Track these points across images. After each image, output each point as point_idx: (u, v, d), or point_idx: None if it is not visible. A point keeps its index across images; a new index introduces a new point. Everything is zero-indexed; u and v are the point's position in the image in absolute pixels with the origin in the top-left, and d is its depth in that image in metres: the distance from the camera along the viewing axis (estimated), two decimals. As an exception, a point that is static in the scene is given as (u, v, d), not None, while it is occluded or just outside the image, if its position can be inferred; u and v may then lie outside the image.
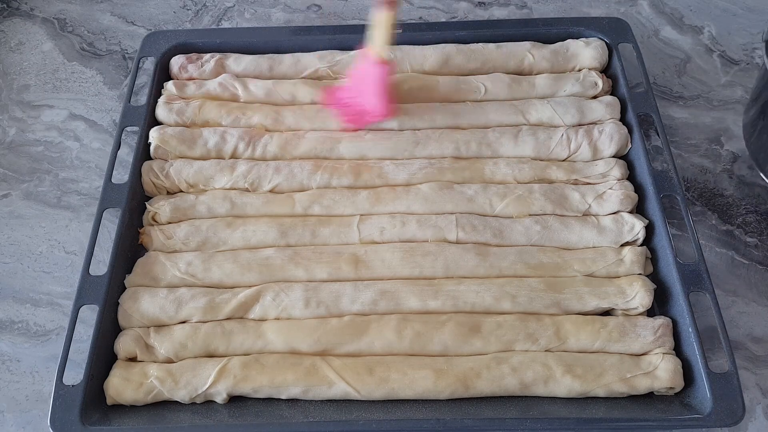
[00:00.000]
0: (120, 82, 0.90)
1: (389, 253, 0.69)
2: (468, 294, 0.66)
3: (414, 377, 0.62)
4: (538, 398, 0.63)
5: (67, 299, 0.72)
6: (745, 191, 0.79)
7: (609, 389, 0.62)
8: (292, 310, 0.66)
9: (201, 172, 0.75)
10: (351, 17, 0.96)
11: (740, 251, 0.75)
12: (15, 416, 0.66)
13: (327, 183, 0.74)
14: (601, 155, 0.76)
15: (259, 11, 0.97)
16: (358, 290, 0.67)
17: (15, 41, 0.94)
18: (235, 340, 0.65)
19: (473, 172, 0.74)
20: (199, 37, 0.85)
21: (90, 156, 0.84)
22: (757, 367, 0.68)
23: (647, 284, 0.67)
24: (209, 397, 0.63)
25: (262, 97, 0.80)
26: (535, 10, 0.96)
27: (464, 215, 0.71)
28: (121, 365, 0.64)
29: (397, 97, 0.77)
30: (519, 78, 0.81)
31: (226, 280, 0.68)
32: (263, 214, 0.73)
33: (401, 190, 0.73)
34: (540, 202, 0.72)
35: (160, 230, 0.71)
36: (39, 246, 0.77)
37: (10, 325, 0.72)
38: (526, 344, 0.64)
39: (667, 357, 0.63)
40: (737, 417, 0.59)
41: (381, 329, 0.64)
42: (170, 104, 0.79)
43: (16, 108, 0.88)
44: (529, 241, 0.70)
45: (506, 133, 0.76)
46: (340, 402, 0.63)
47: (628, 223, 0.70)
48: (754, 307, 0.71)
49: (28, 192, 0.81)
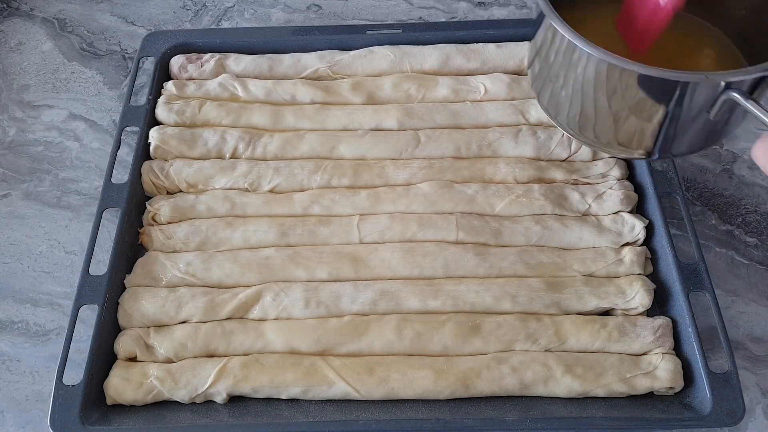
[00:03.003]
0: (120, 82, 0.90)
1: (389, 253, 0.69)
2: (468, 294, 0.66)
3: (414, 377, 0.62)
4: (538, 398, 0.63)
5: (67, 299, 0.72)
6: (745, 191, 0.79)
7: (609, 389, 0.62)
8: (292, 310, 0.66)
9: (201, 172, 0.75)
10: (351, 17, 0.96)
11: (740, 251, 0.75)
12: (15, 416, 0.66)
13: (327, 183, 0.74)
14: (601, 155, 0.76)
15: (259, 11, 0.97)
16: (358, 290, 0.67)
17: (15, 41, 0.95)
18: (235, 340, 0.65)
19: (473, 172, 0.74)
20: (199, 37, 0.85)
21: (90, 156, 0.84)
22: (757, 367, 0.68)
23: (647, 284, 0.67)
24: (209, 397, 0.63)
25: (262, 97, 0.80)
26: (535, 11, 0.96)
27: (464, 215, 0.71)
28: (121, 365, 0.64)
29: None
30: (519, 78, 0.81)
31: (226, 280, 0.68)
32: (263, 214, 0.73)
33: (401, 190, 0.73)
34: (540, 203, 0.72)
35: (160, 230, 0.71)
36: (39, 246, 0.77)
37: (9, 325, 0.72)
38: (526, 344, 0.64)
39: (667, 357, 0.63)
40: (737, 417, 0.59)
41: (381, 329, 0.64)
42: (170, 104, 0.79)
43: (16, 108, 0.88)
44: (529, 241, 0.70)
45: (506, 133, 0.76)
46: (340, 402, 0.63)
47: (628, 223, 0.70)
48: (754, 307, 0.71)
49: (28, 192, 0.81)
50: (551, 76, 0.59)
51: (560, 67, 0.57)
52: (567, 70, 0.57)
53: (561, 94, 0.59)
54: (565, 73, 0.57)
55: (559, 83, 0.59)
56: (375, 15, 0.96)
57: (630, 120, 0.56)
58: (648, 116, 0.55)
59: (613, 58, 0.51)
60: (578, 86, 0.56)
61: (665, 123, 0.55)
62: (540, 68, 0.61)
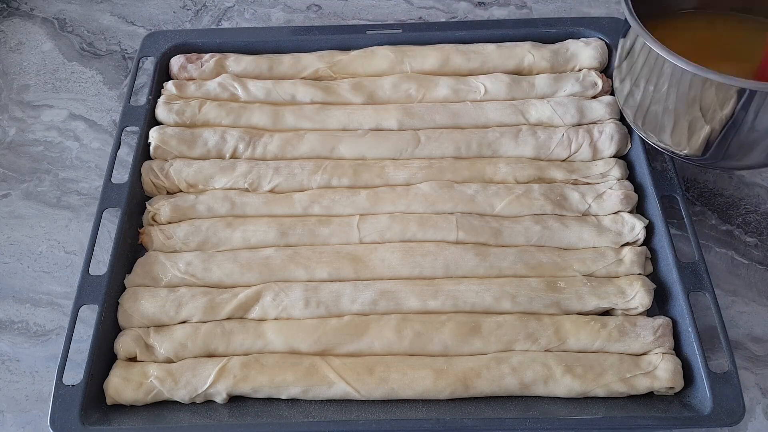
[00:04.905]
0: (120, 82, 0.90)
1: (389, 253, 0.69)
2: (468, 294, 0.66)
3: (414, 377, 0.62)
4: (538, 398, 0.63)
5: (67, 299, 0.72)
6: (745, 191, 0.79)
7: (609, 389, 0.62)
8: (292, 310, 0.66)
9: (201, 172, 0.75)
10: (351, 17, 0.96)
11: (740, 251, 0.75)
12: (15, 416, 0.66)
13: (327, 183, 0.74)
14: (601, 155, 0.76)
15: (259, 11, 0.97)
16: (357, 290, 0.67)
17: (15, 41, 0.95)
18: (235, 340, 0.65)
19: (473, 172, 0.74)
20: (198, 37, 0.85)
21: (90, 156, 0.84)
22: (757, 367, 0.68)
23: (647, 284, 0.67)
24: (209, 397, 0.63)
25: (262, 97, 0.80)
26: (535, 10, 0.96)
27: (464, 215, 0.71)
28: (121, 365, 0.64)
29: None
30: (519, 78, 0.81)
31: (226, 280, 0.68)
32: (263, 214, 0.73)
33: (401, 190, 0.73)
34: (540, 202, 0.72)
35: (160, 230, 0.71)
36: (39, 246, 0.77)
37: (9, 325, 0.72)
38: (525, 344, 0.64)
39: (667, 357, 0.63)
40: (737, 417, 0.59)
41: (381, 329, 0.64)
42: (170, 104, 0.79)
43: (16, 108, 0.88)
44: (529, 241, 0.70)
45: (506, 133, 0.76)
46: (340, 402, 0.63)
47: (628, 223, 0.70)
48: (754, 307, 0.71)
49: (28, 192, 0.81)
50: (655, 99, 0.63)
51: (676, 100, 0.61)
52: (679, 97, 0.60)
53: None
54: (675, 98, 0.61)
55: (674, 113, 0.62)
56: (375, 15, 0.96)
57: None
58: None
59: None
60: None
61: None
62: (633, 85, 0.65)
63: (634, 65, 0.64)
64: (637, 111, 0.67)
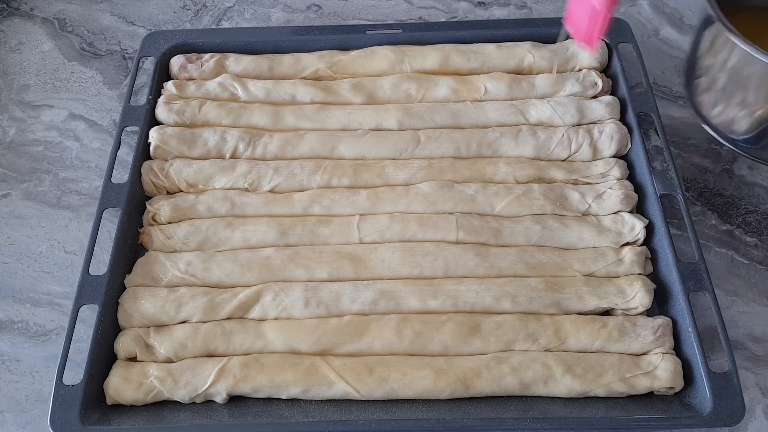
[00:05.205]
0: (120, 82, 0.90)
1: (389, 253, 0.69)
2: (468, 294, 0.66)
3: (414, 377, 0.62)
4: (538, 398, 0.63)
5: (67, 299, 0.72)
6: (745, 191, 0.79)
7: (609, 389, 0.62)
8: (292, 310, 0.66)
9: (201, 172, 0.75)
10: (351, 17, 0.96)
11: (740, 251, 0.75)
12: (15, 416, 0.66)
13: (327, 183, 0.74)
14: (601, 155, 0.76)
15: (259, 11, 0.97)
16: (357, 290, 0.67)
17: (15, 41, 0.94)
18: (235, 340, 0.65)
19: (473, 172, 0.74)
20: (198, 37, 0.85)
21: (90, 156, 0.84)
22: (757, 367, 0.68)
23: (647, 284, 0.67)
24: (209, 397, 0.63)
25: (262, 97, 0.80)
26: (535, 10, 0.96)
27: (464, 215, 0.71)
28: (121, 365, 0.64)
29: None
30: (519, 78, 0.81)
31: (226, 279, 0.68)
32: (263, 214, 0.73)
33: (401, 190, 0.73)
34: (540, 202, 0.72)
35: (160, 230, 0.71)
36: (39, 246, 0.77)
37: (9, 325, 0.72)
38: (526, 344, 0.64)
39: (667, 357, 0.63)
40: (737, 417, 0.59)
41: (381, 329, 0.64)
42: (170, 104, 0.79)
43: (16, 108, 0.88)
44: (529, 241, 0.70)
45: (506, 133, 0.76)
46: (340, 402, 0.63)
47: (628, 223, 0.70)
48: (754, 307, 0.71)
49: (28, 192, 0.81)
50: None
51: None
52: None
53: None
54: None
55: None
56: (375, 15, 0.96)
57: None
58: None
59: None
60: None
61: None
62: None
63: (714, 61, 0.67)
64: (714, 105, 0.70)
